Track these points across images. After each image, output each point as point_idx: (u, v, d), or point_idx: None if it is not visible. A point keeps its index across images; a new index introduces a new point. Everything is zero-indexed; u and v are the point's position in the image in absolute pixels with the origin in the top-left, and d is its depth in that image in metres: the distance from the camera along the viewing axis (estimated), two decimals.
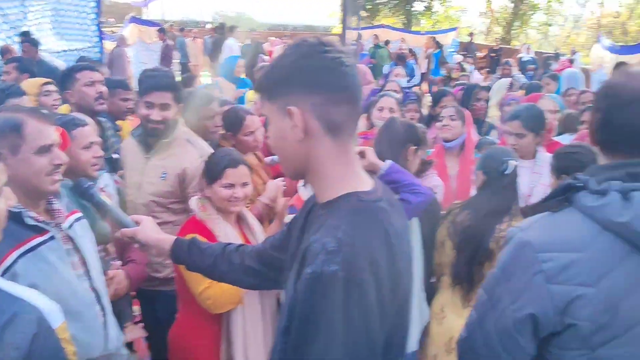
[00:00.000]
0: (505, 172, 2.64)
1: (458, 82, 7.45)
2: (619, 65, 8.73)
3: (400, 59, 11.70)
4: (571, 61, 14.61)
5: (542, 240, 1.31)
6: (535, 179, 3.43)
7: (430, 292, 2.88)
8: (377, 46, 14.96)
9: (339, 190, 1.27)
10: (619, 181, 1.28)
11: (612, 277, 1.23)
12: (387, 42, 16.08)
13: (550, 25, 31.75)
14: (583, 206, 1.30)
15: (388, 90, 4.93)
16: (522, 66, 13.45)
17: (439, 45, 14.96)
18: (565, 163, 2.65)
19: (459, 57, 15.07)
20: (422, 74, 13.32)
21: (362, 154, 2.51)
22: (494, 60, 15.79)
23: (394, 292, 1.20)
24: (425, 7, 29.43)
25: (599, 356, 1.26)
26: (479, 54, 17.87)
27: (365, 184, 1.31)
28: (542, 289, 1.27)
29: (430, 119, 4.73)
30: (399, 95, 4.70)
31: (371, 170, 2.48)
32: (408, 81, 10.36)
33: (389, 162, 2.54)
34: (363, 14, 25.25)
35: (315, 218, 1.29)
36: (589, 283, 1.24)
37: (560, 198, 1.36)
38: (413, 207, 2.49)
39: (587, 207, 1.29)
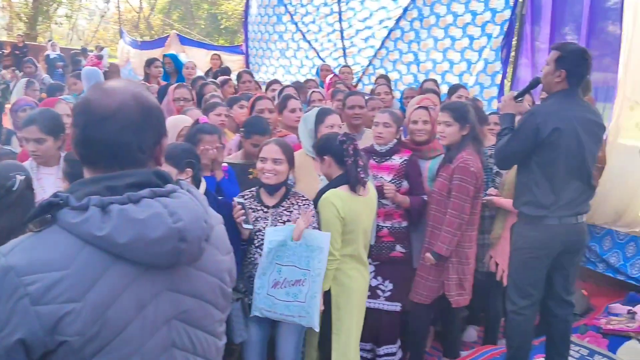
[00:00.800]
0: (13, 189, 2.47)
1: None
2: (150, 61, 9.03)
3: None
4: (99, 57, 14.77)
5: (25, 263, 1.26)
6: (60, 184, 3.36)
7: None
8: None
9: None
10: (98, 195, 1.30)
11: (97, 289, 1.27)
12: None
13: (71, 18, 31.41)
14: (66, 223, 1.29)
15: None
16: (50, 64, 13.02)
17: None
18: (75, 170, 2.62)
19: None
20: None
21: None
22: (20, 58, 14.88)
23: None
24: None
25: None
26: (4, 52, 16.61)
27: None
28: (29, 312, 1.23)
29: None
30: None
31: None
32: None
33: None
34: None
35: None
36: (75, 299, 1.25)
37: (42, 217, 1.31)
38: None
39: (69, 224, 1.28)
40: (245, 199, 3.34)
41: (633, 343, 4.37)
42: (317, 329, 3.30)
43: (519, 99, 3.89)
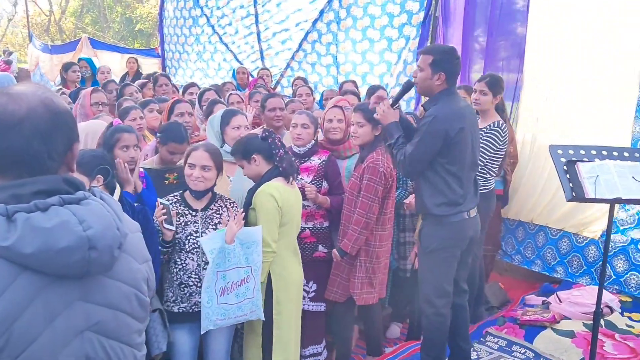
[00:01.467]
0: None
1: None
2: (68, 66, 8.70)
3: None
4: (8, 62, 14.19)
5: None
6: None
7: None
8: None
9: None
10: (3, 204, 1.25)
11: (3, 302, 1.21)
12: None
13: None
14: None
15: None
16: None
17: None
18: None
19: None
20: None
21: None
22: None
23: None
24: None
25: None
26: None
27: None
28: None
29: None
30: None
31: None
32: None
33: None
34: None
35: None
36: None
37: None
38: None
39: None
40: (170, 203, 3.26)
41: (548, 332, 4.54)
42: (263, 318, 3.32)
43: (395, 105, 3.84)
